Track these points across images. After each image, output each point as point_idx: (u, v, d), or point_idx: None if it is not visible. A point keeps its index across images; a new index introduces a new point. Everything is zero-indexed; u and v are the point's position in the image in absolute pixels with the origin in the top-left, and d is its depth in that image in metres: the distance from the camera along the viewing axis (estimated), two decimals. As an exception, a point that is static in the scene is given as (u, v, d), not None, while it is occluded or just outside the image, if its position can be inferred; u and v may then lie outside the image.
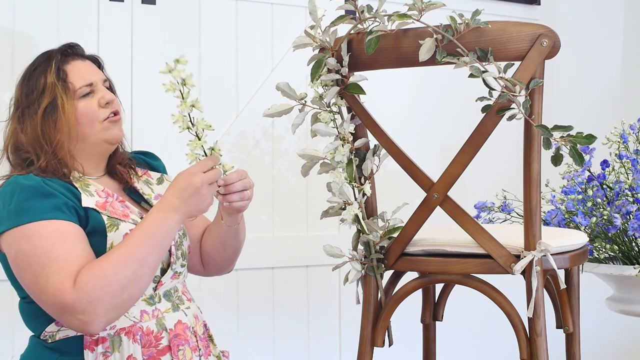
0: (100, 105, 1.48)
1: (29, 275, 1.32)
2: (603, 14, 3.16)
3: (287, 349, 2.48)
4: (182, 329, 1.46)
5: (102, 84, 1.51)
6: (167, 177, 1.66)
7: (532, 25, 1.26)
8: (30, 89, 1.48)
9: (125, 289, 1.30)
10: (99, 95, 1.49)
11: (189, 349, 1.45)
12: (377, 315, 1.45)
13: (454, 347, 2.62)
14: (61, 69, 1.48)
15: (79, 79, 1.48)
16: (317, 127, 1.38)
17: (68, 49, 1.53)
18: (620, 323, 2.80)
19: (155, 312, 1.44)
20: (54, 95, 1.45)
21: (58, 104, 1.44)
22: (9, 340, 2.10)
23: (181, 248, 1.52)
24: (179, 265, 1.51)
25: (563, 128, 1.21)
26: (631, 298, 1.96)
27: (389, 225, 1.42)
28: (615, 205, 1.91)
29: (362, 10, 1.33)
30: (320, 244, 1.53)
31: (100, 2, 2.22)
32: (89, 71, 1.51)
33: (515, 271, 1.32)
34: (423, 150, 2.57)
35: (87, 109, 1.47)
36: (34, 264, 1.31)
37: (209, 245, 1.63)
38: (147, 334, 1.41)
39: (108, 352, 1.38)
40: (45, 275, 1.29)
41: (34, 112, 1.45)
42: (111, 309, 1.30)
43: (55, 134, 1.44)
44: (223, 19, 2.41)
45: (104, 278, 1.29)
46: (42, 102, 1.45)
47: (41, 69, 1.49)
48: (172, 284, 1.50)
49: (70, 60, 1.51)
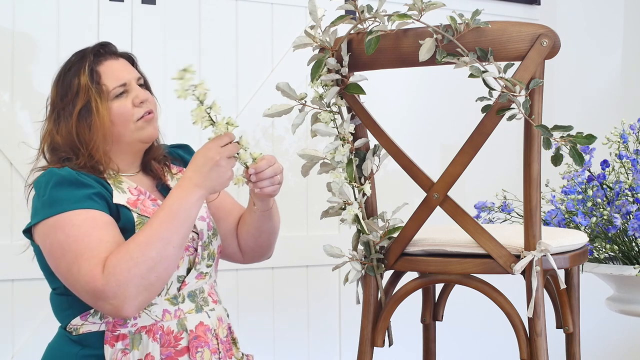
0: (135, 104, 1.49)
1: (63, 264, 1.34)
2: (603, 14, 3.17)
3: (287, 349, 2.48)
4: (203, 331, 1.46)
5: (135, 82, 1.52)
6: None
7: (532, 25, 1.26)
8: (64, 91, 1.49)
9: (152, 269, 1.31)
10: (133, 94, 1.49)
11: (208, 351, 1.45)
12: (377, 315, 1.45)
13: (454, 347, 2.62)
14: (94, 71, 1.48)
15: (112, 80, 1.48)
16: (317, 127, 1.38)
17: (100, 48, 1.54)
18: (620, 323, 2.80)
19: (178, 312, 1.44)
20: (87, 98, 1.46)
21: (92, 107, 1.45)
22: (9, 340, 2.10)
23: (209, 248, 1.53)
24: (204, 266, 1.51)
25: (563, 128, 1.21)
26: (631, 298, 1.96)
27: (389, 225, 1.42)
28: (615, 205, 1.91)
29: (362, 10, 1.33)
30: (320, 244, 1.53)
31: (100, 2, 2.22)
32: (122, 70, 1.51)
33: (515, 271, 1.32)
34: (423, 150, 2.57)
35: (121, 109, 1.47)
36: (67, 253, 1.33)
37: (245, 233, 1.64)
38: (167, 334, 1.41)
39: (127, 349, 1.39)
40: (77, 264, 1.32)
41: (69, 115, 1.47)
42: (141, 290, 1.31)
43: (90, 137, 1.45)
44: (223, 19, 2.41)
45: (130, 260, 1.30)
46: (77, 104, 1.46)
47: (74, 69, 1.50)
48: (197, 284, 1.49)
49: (103, 60, 1.51)
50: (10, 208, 2.13)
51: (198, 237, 1.49)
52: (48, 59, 2.18)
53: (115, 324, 1.40)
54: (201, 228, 1.51)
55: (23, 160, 2.14)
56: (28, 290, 2.12)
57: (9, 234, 2.12)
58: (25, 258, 2.13)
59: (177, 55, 2.29)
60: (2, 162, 2.12)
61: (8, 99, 2.13)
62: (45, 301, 2.18)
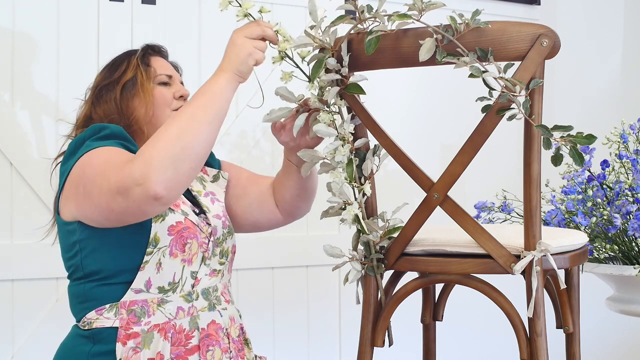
0: (175, 97, 1.58)
1: (95, 190, 1.34)
2: (603, 14, 3.17)
3: (287, 349, 2.48)
4: (214, 330, 1.47)
5: (179, 82, 1.62)
6: (223, 174, 1.68)
7: (532, 25, 1.26)
8: (111, 72, 1.58)
9: (177, 140, 1.29)
10: (176, 88, 1.59)
11: (219, 350, 1.45)
12: (377, 315, 1.45)
13: (454, 347, 2.63)
14: (146, 57, 1.59)
15: (160, 68, 1.59)
16: (318, 127, 1.38)
17: (155, 47, 1.65)
18: (620, 323, 2.81)
19: (191, 309, 1.45)
20: (134, 73, 1.55)
21: (138, 80, 1.54)
22: (9, 340, 2.10)
23: (221, 245, 1.54)
24: (216, 263, 1.52)
25: (563, 128, 1.21)
26: (631, 298, 1.96)
27: (389, 225, 1.42)
28: (615, 205, 1.91)
29: (362, 10, 1.33)
30: (320, 244, 1.53)
31: (100, 2, 2.22)
32: (171, 69, 1.63)
33: (515, 271, 1.32)
34: (423, 150, 2.57)
35: (162, 94, 1.56)
36: (96, 177, 1.34)
37: (290, 195, 1.64)
38: (178, 332, 1.42)
39: (139, 347, 1.39)
40: (107, 178, 1.31)
41: (113, 87, 1.54)
42: (167, 164, 1.27)
43: (133, 107, 1.53)
44: (223, 19, 2.41)
45: (154, 138, 1.31)
46: (123, 78, 1.54)
47: (125, 55, 1.61)
48: (210, 281, 1.50)
49: (156, 55, 1.63)
50: (10, 208, 2.13)
51: (211, 234, 1.50)
52: (48, 59, 2.18)
53: (129, 322, 1.40)
54: (215, 225, 1.53)
55: (23, 160, 2.15)
56: (28, 290, 2.12)
57: (9, 234, 2.12)
58: (25, 258, 2.13)
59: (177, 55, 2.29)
60: (2, 162, 2.12)
61: (8, 99, 2.13)
62: (45, 301, 2.18)
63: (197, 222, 1.48)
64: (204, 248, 1.48)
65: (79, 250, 1.44)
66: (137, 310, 1.41)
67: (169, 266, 1.43)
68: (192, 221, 1.47)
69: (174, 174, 1.28)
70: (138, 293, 1.42)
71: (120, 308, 1.41)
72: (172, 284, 1.44)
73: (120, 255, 1.41)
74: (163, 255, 1.42)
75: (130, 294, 1.41)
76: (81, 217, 1.41)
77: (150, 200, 1.27)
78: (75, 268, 1.45)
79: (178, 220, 1.44)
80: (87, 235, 1.42)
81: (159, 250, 1.42)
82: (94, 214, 1.38)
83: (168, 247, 1.42)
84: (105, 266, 1.42)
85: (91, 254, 1.43)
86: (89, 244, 1.43)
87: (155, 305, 1.42)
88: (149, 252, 1.41)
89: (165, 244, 1.42)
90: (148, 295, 1.42)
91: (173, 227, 1.43)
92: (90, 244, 1.43)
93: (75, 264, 1.45)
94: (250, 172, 1.74)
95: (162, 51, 1.67)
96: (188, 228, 1.45)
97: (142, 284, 1.42)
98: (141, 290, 1.42)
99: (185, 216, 1.46)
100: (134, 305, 1.41)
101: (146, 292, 1.42)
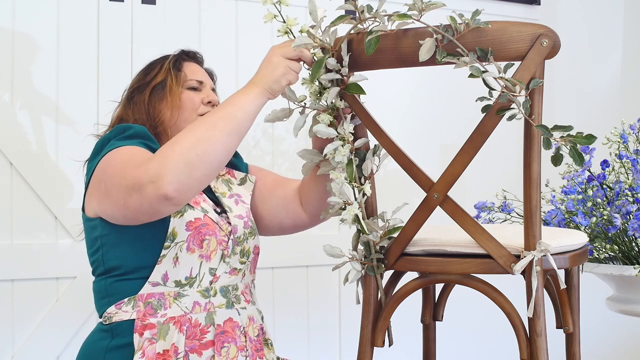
0: (203, 102, 1.60)
1: (114, 186, 1.37)
2: (603, 14, 3.17)
3: (287, 349, 2.48)
4: (231, 327, 1.48)
5: (210, 88, 1.65)
6: (250, 177, 1.70)
7: (532, 25, 1.26)
8: (145, 74, 1.62)
9: (194, 146, 1.31)
10: (205, 94, 1.62)
11: (234, 347, 1.47)
12: (377, 315, 1.45)
13: (454, 347, 2.63)
14: (179, 62, 1.63)
15: (192, 74, 1.62)
16: (318, 128, 1.38)
17: (190, 52, 1.68)
18: (620, 323, 2.80)
19: (208, 305, 1.47)
20: (165, 77, 1.59)
21: (167, 84, 1.58)
22: (9, 340, 2.10)
23: (242, 245, 1.56)
24: (236, 261, 1.54)
25: (563, 128, 1.21)
26: (631, 298, 1.96)
27: (389, 225, 1.42)
28: (615, 205, 1.91)
29: (362, 10, 1.33)
30: (320, 244, 1.53)
31: (100, 2, 2.22)
32: (203, 74, 1.65)
33: (515, 271, 1.32)
34: (423, 150, 2.57)
35: (190, 99, 1.59)
36: (115, 174, 1.37)
37: (318, 198, 1.63)
38: (194, 326, 1.44)
39: (154, 338, 1.41)
40: (125, 175, 1.34)
41: (143, 90, 1.59)
42: (181, 167, 1.29)
43: (159, 109, 1.56)
44: (223, 19, 2.41)
45: (175, 139, 1.34)
46: (153, 81, 1.58)
47: (160, 59, 1.64)
48: (230, 280, 1.52)
49: (190, 61, 1.66)
50: (10, 208, 2.13)
51: (231, 232, 1.52)
52: (48, 59, 2.18)
53: (145, 313, 1.43)
54: (235, 224, 1.55)
55: (23, 160, 2.15)
56: (28, 290, 2.12)
57: (9, 234, 2.12)
58: (25, 258, 2.13)
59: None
60: (2, 162, 2.12)
61: (8, 99, 2.13)
62: (45, 301, 2.18)
63: (216, 219, 1.51)
64: (223, 246, 1.50)
65: (100, 245, 1.48)
66: (153, 302, 1.44)
67: (186, 261, 1.46)
68: (212, 218, 1.50)
69: (186, 178, 1.30)
70: (155, 286, 1.45)
71: (138, 300, 1.44)
72: (189, 279, 1.47)
73: (139, 251, 1.45)
74: (180, 249, 1.45)
75: (148, 286, 1.45)
76: (102, 213, 1.45)
77: (161, 199, 1.29)
78: (98, 264, 1.50)
79: (197, 217, 1.47)
80: (108, 231, 1.47)
81: (176, 245, 1.45)
82: (112, 211, 1.41)
83: (185, 242, 1.45)
84: (125, 261, 1.46)
85: (112, 249, 1.47)
86: (109, 239, 1.47)
87: (172, 298, 1.45)
88: (166, 246, 1.44)
89: (182, 238, 1.45)
90: (165, 289, 1.45)
91: (191, 223, 1.46)
92: (110, 239, 1.47)
93: (97, 260, 1.50)
94: (276, 174, 1.76)
95: (197, 57, 1.69)
96: (207, 225, 1.48)
97: (159, 277, 1.45)
98: (158, 283, 1.45)
99: (205, 213, 1.49)
100: (151, 298, 1.44)
101: (163, 285, 1.45)
